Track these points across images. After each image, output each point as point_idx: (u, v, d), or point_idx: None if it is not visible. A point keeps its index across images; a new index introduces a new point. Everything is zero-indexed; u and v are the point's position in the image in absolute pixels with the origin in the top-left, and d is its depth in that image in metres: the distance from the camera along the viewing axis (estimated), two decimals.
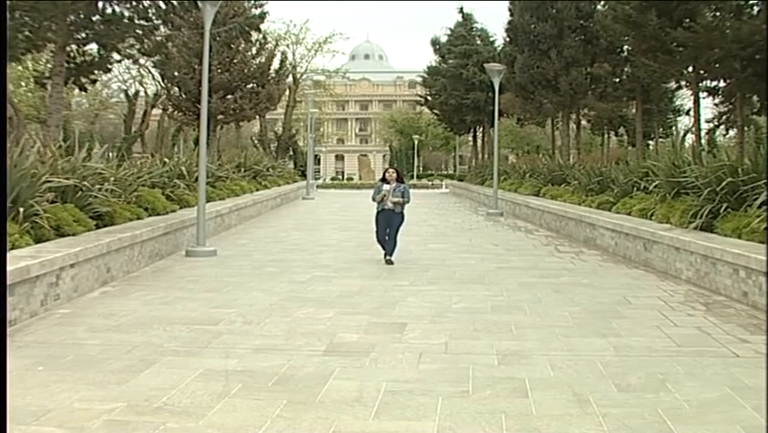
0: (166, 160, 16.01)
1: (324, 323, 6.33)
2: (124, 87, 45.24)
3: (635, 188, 13.61)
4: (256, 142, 48.24)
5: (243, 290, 7.96)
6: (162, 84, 31.22)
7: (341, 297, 7.64)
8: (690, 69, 18.47)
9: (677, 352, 5.42)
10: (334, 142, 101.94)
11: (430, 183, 55.34)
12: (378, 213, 10.01)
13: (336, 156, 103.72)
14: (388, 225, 9.91)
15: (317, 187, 46.27)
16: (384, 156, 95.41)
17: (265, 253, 11.49)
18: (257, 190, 22.47)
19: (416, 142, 65.48)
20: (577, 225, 13.96)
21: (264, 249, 12.03)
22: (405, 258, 10.45)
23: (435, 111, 45.44)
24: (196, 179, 13.38)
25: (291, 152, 50.79)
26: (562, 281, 8.80)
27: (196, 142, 34.59)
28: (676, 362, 5.12)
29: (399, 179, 10.00)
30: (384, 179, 10.00)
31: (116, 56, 18.50)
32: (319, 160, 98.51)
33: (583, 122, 36.35)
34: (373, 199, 10.06)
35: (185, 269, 9.60)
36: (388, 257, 9.93)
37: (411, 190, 10.39)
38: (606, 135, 41.60)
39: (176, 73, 28.42)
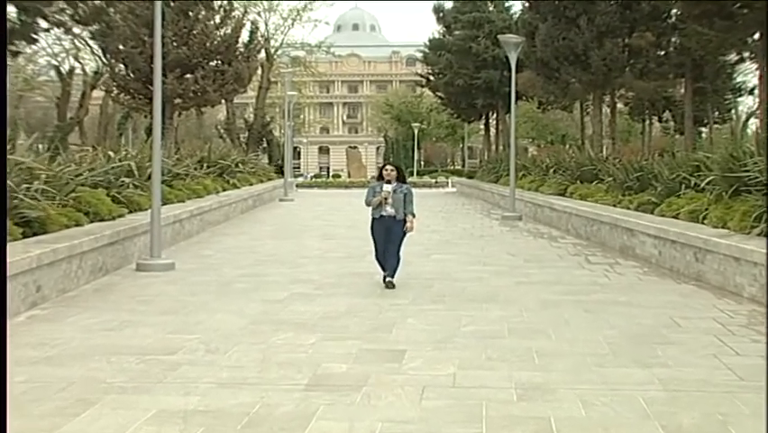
0: (111, 153, 15.94)
1: (306, 351, 6.31)
2: (55, 63, 44.48)
3: (683, 186, 13.63)
4: (222, 131, 48.33)
5: (207, 312, 7.92)
6: (104, 60, 30.99)
7: (326, 318, 7.62)
8: (756, 36, 18.22)
9: (739, 387, 5.38)
10: (317, 131, 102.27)
11: (433, 181, 55.45)
12: (373, 221, 9.41)
13: (320, 149, 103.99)
14: (386, 236, 9.32)
15: (297, 186, 46.28)
16: (378, 149, 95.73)
17: (234, 266, 11.46)
18: (224, 190, 22.45)
19: (415, 131, 65.68)
20: (612, 231, 13.97)
21: (233, 261, 11.99)
22: (404, 271, 10.43)
23: (439, 93, 45.61)
24: (149, 178, 13.33)
25: (265, 144, 50.80)
26: (594, 299, 8.79)
27: (149, 131, 34.53)
28: (738, 399, 5.09)
29: (401, 179, 9.43)
30: (381, 177, 9.44)
31: (43, 23, 17.93)
32: (299, 153, 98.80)
33: (619, 105, 36.51)
34: (367, 204, 9.40)
35: (135, 286, 9.54)
36: (388, 278, 9.37)
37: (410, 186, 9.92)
38: (647, 121, 41.73)
39: (120, 47, 28.29)
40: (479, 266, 11.60)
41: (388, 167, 9.50)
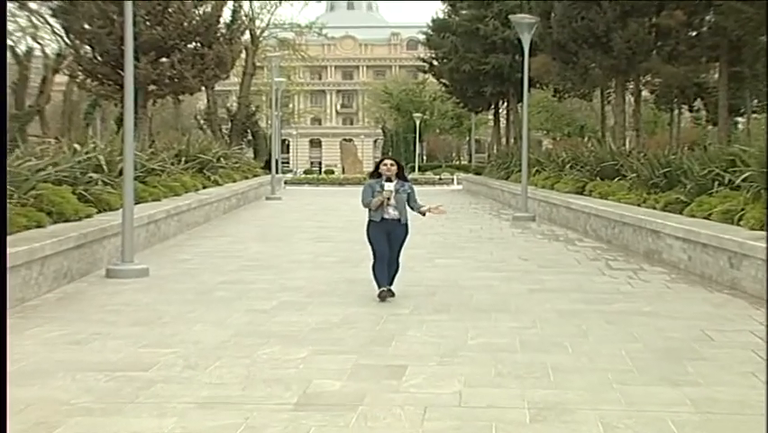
0: (77, 146, 15.91)
1: (296, 366, 6.30)
2: (10, 43, 44.20)
3: (716, 183, 13.63)
4: (202, 122, 48.30)
5: (185, 323, 7.91)
6: (67, 40, 30.83)
7: (317, 330, 7.61)
8: None
9: None
10: (308, 122, 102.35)
11: (437, 177, 55.55)
12: (371, 225, 9.10)
13: (311, 141, 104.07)
14: (389, 242, 9.04)
15: (286, 183, 46.28)
16: (375, 141, 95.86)
17: (215, 271, 11.45)
18: (204, 188, 22.44)
19: (417, 122, 65.66)
20: (635, 234, 13.97)
21: (214, 267, 11.98)
22: (404, 278, 10.41)
23: (444, 80, 45.62)
24: (121, 173, 13.32)
25: (250, 137, 50.80)
26: (617, 309, 8.79)
27: (120, 121, 34.54)
28: None
29: (401, 175, 9.14)
30: (378, 174, 9.09)
31: None
32: (288, 146, 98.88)
33: (645, 93, 36.48)
34: (366, 205, 9.08)
35: (105, 294, 9.52)
36: (386, 288, 8.98)
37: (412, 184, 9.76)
38: (676, 111, 41.71)
39: (86, 26, 28.12)
40: (487, 272, 11.59)
41: (387, 162, 9.14)
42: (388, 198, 8.97)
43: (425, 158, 77.09)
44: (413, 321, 8.05)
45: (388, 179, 9.02)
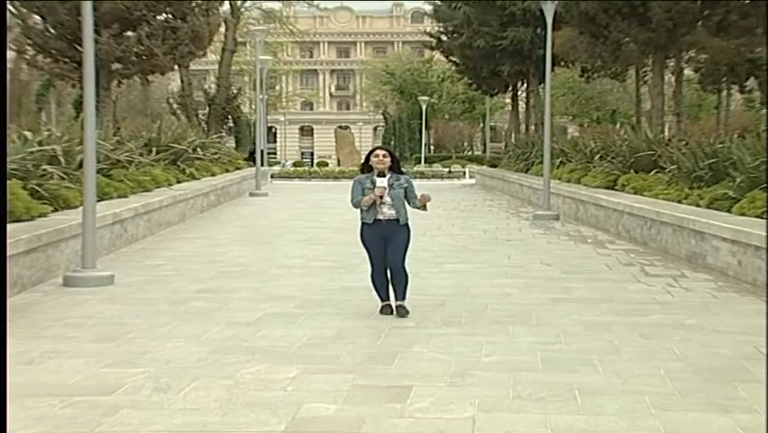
0: (28, 134, 15.84)
1: (284, 387, 6.29)
2: None
3: None
4: (175, 106, 48.29)
5: (156, 338, 7.89)
6: (13, 10, 30.75)
7: (309, 346, 7.61)
8: None
9: None
10: (298, 107, 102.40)
11: (446, 170, 55.57)
12: (364, 227, 8.88)
13: (301, 129, 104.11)
14: (386, 247, 8.83)
15: (272, 177, 46.32)
16: (375, 129, 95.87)
17: (191, 279, 11.45)
18: (179, 182, 22.45)
19: (423, 107, 65.66)
20: (676, 235, 13.95)
21: (190, 273, 11.98)
22: (410, 286, 10.37)
23: (454, 58, 45.62)
24: (81, 166, 13.30)
25: (231, 124, 50.83)
26: (654, 322, 8.78)
27: (79, 105, 34.44)
28: None
29: (396, 168, 8.90)
30: (369, 168, 8.86)
31: None
32: (275, 135, 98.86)
33: (688, 71, 36.33)
34: (356, 205, 8.88)
35: (62, 306, 9.50)
36: (398, 303, 8.87)
37: (414, 182, 9.50)
38: (724, 92, 41.57)
39: None
40: (504, 279, 11.59)
41: (378, 152, 8.85)
42: (381, 196, 8.71)
43: (432, 148, 77.04)
44: (419, 335, 8.03)
45: (381, 174, 8.73)
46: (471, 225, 19.46)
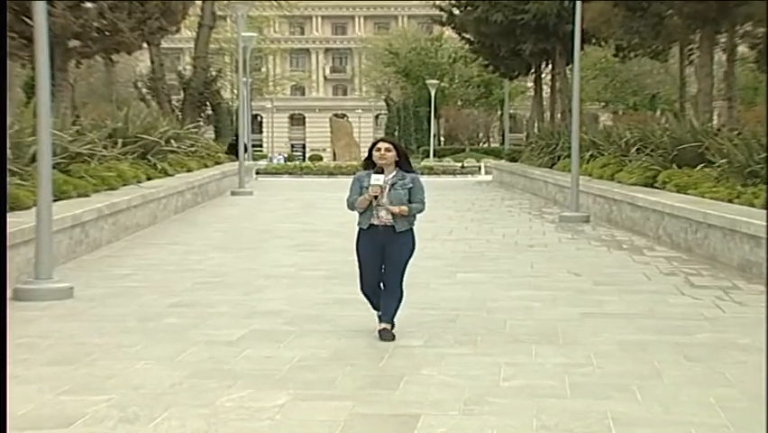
0: None
1: (271, 416, 6.29)
2: None
3: None
4: (144, 91, 48.24)
5: (123, 360, 7.90)
6: None
7: (301, 368, 7.61)
8: None
9: None
10: (288, 92, 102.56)
11: (459, 165, 55.59)
12: (361, 233, 8.76)
13: (291, 118, 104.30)
14: (383, 259, 8.69)
15: (258, 173, 46.32)
16: (377, 118, 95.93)
17: (164, 291, 11.45)
18: (149, 179, 22.44)
19: (432, 92, 65.74)
20: (726, 240, 13.94)
21: (162, 284, 11.99)
22: (416, 298, 10.38)
23: (467, 35, 45.57)
24: (34, 160, 13.27)
25: (210, 111, 50.81)
26: (701, 342, 8.77)
27: (30, 89, 34.31)
28: None
29: (402, 164, 8.73)
30: (371, 163, 8.68)
31: None
32: (261, 124, 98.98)
33: (742, 48, 36.11)
34: (351, 206, 8.72)
35: (12, 323, 9.45)
36: (384, 324, 8.76)
37: (422, 179, 9.23)
38: None
39: None
40: (526, 290, 11.58)
41: (381, 145, 8.64)
42: (376, 197, 8.43)
43: (442, 139, 77.12)
44: (427, 356, 8.03)
45: (379, 170, 8.48)
46: (488, 229, 19.44)
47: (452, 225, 19.71)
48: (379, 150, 8.58)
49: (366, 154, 8.82)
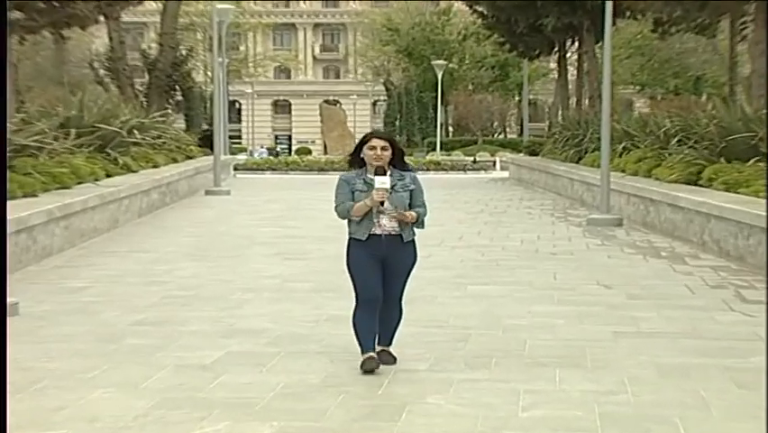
0: None
1: None
2: None
3: None
4: (103, 73, 48.24)
5: (77, 388, 7.89)
6: None
7: (286, 396, 7.62)
8: None
9: None
10: (271, 74, 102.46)
11: (470, 160, 55.55)
12: (353, 245, 8.48)
13: (275, 104, 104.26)
14: (383, 274, 8.48)
15: (236, 169, 46.29)
16: (374, 104, 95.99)
17: (126, 307, 11.44)
18: (109, 176, 22.44)
19: (439, 74, 65.69)
20: None
21: (125, 299, 11.99)
22: (420, 314, 10.40)
23: (480, 8, 45.62)
24: None
25: (180, 96, 50.83)
26: (754, 366, 8.73)
27: None
28: None
29: (398, 161, 8.50)
30: (360, 162, 8.47)
31: None
32: (239, 112, 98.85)
33: None
34: (342, 214, 8.47)
35: None
36: (381, 347, 8.55)
37: (429, 176, 9.16)
38: None
39: None
40: (549, 305, 11.60)
41: (376, 143, 8.32)
42: (381, 203, 8.23)
43: (451, 130, 77.11)
44: (434, 382, 8.03)
45: (380, 171, 8.23)
46: (504, 234, 19.46)
47: (463, 230, 19.69)
48: (373, 148, 8.29)
49: (356, 150, 8.42)
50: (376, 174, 8.19)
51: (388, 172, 8.30)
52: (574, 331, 10.12)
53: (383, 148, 8.30)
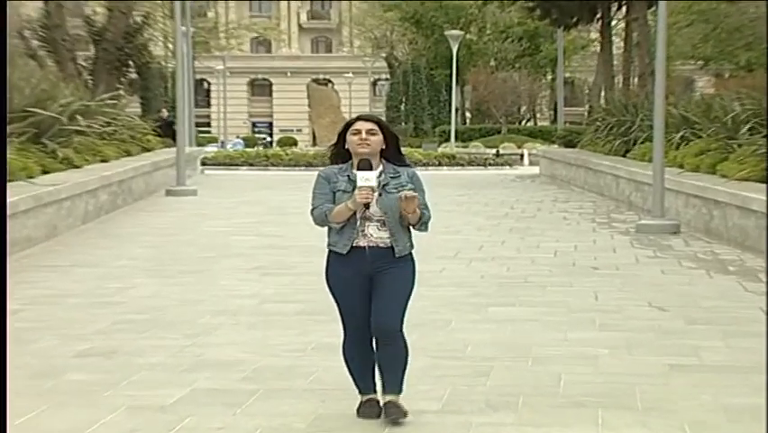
0: None
1: None
2: None
3: None
4: (36, 45, 48.21)
5: None
6: None
7: None
8: None
9: None
10: (246, 47, 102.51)
11: (492, 152, 55.60)
12: (335, 259, 8.36)
13: (252, 84, 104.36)
14: (370, 297, 8.22)
15: (205, 164, 46.26)
16: (374, 84, 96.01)
17: (68, 334, 11.44)
18: (46, 173, 22.42)
19: (454, 48, 65.69)
20: None
21: (66, 325, 12.00)
22: (432, 343, 10.44)
23: None
24: None
25: (134, 74, 50.84)
26: None
27: None
28: None
29: (392, 153, 8.26)
30: (347, 153, 8.24)
31: None
32: (209, 93, 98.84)
33: None
34: (319, 220, 8.29)
35: None
36: (387, 396, 8.23)
37: (420, 174, 8.74)
38: None
39: None
40: (588, 331, 11.62)
41: (361, 125, 8.08)
42: (366, 205, 8.00)
43: (468, 116, 77.16)
44: (448, 426, 8.05)
45: (364, 164, 8.00)
46: (534, 243, 19.52)
47: (483, 239, 19.68)
48: (357, 132, 8.05)
49: (339, 140, 8.20)
50: (359, 168, 7.95)
51: (380, 168, 8.07)
52: (620, 364, 10.12)
53: (369, 132, 8.05)
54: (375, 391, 8.25)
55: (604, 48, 47.49)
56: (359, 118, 8.18)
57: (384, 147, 8.08)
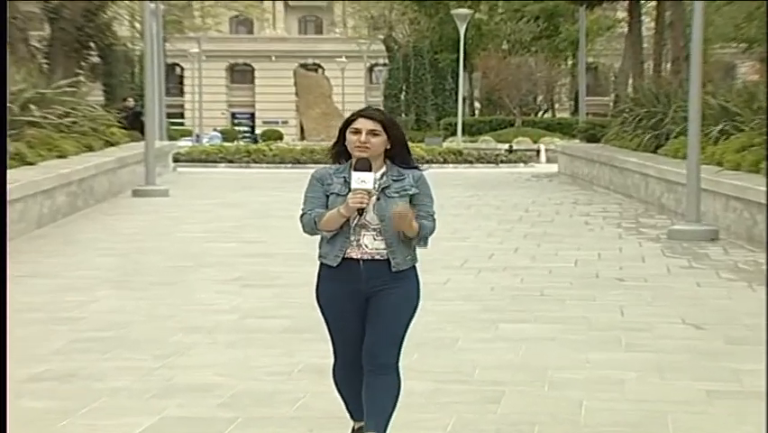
0: None
1: None
2: None
3: None
4: None
5: None
6: None
7: None
8: None
9: None
10: (225, 27, 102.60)
11: (505, 149, 55.64)
12: (326, 273, 8.23)
13: (232, 70, 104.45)
14: (365, 318, 8.06)
15: (177, 160, 46.27)
16: (371, 70, 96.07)
17: (21, 355, 11.35)
18: None
19: (461, 31, 65.74)
20: None
21: (14, 345, 11.88)
22: (436, 364, 10.46)
23: None
24: None
25: (97, 57, 50.87)
26: None
27: None
28: None
29: (397, 154, 8.09)
30: (346, 153, 8.06)
31: None
32: (182, 80, 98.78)
33: None
34: (309, 227, 8.09)
35: None
36: (362, 426, 8.13)
37: (425, 173, 8.60)
38: None
39: None
40: (613, 352, 11.65)
41: (362, 124, 7.88)
42: (360, 211, 7.84)
43: (477, 106, 77.19)
44: None
45: (365, 165, 7.85)
46: (551, 251, 19.57)
47: (494, 246, 19.70)
48: (357, 132, 7.85)
49: (339, 138, 8.06)
50: (356, 168, 7.78)
51: (382, 170, 7.94)
52: (650, 390, 10.11)
53: (372, 132, 7.86)
54: (360, 418, 8.09)
55: (632, 29, 47.58)
56: (361, 115, 7.93)
57: (389, 147, 7.93)
